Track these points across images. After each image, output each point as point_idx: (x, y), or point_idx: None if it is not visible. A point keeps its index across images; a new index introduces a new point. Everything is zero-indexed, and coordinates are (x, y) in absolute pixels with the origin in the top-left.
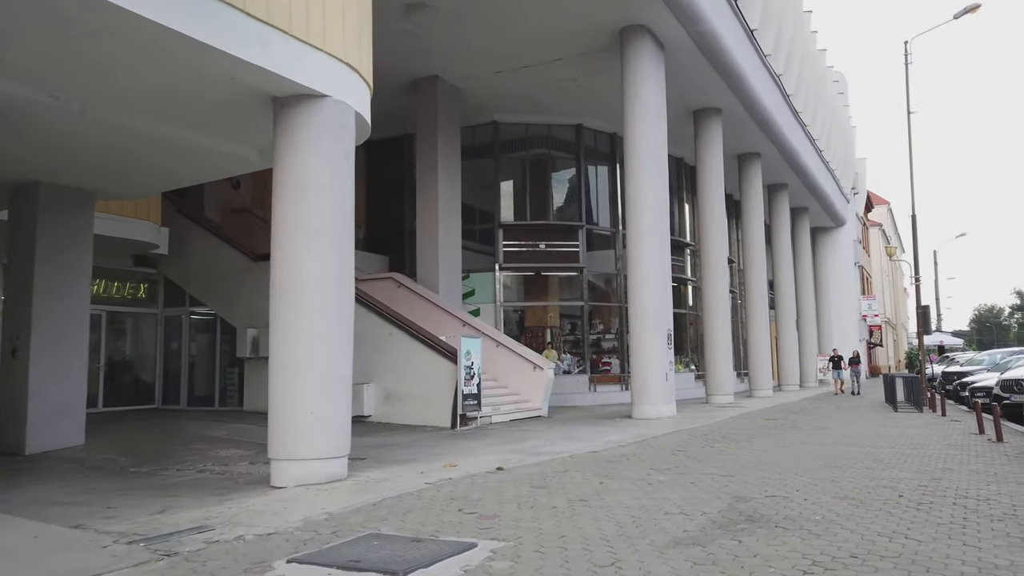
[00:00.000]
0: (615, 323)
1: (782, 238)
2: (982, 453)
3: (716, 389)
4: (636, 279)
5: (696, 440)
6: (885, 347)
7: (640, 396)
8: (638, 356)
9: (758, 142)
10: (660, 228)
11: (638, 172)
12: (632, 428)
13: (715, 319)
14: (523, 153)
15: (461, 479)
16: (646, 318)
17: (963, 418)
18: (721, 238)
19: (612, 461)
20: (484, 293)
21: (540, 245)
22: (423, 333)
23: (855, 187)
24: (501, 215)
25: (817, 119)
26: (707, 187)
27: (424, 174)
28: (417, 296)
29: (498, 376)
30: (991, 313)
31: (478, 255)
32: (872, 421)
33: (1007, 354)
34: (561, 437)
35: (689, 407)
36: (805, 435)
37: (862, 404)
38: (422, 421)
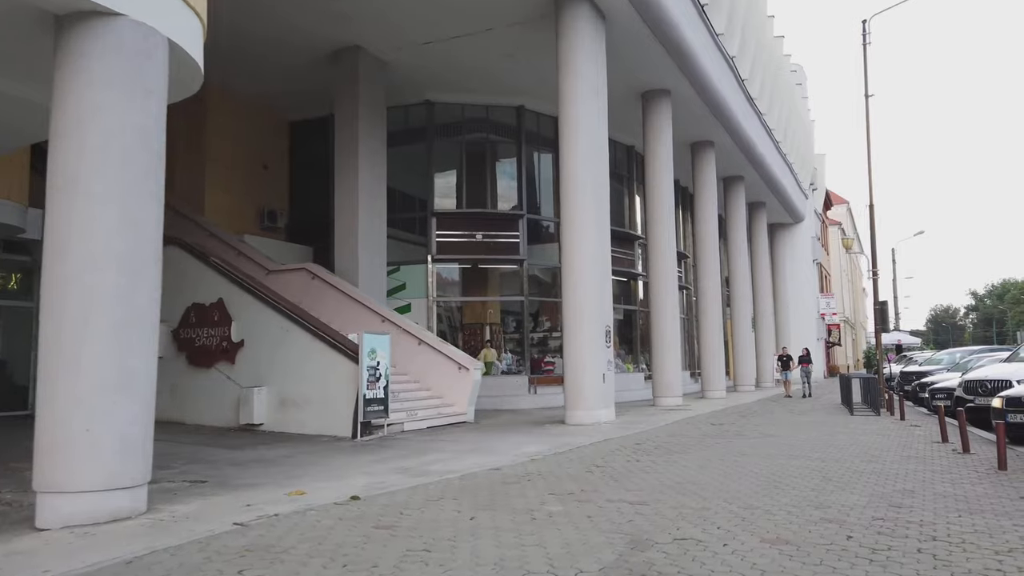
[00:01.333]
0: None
1: (738, 233)
2: (948, 468)
3: (664, 391)
4: (570, 270)
5: (624, 452)
6: (843, 346)
7: (574, 400)
8: (572, 355)
9: (711, 130)
10: (598, 214)
11: (573, 151)
12: (559, 437)
13: (663, 316)
14: (460, 137)
15: (289, 515)
16: (581, 313)
17: (923, 422)
18: (669, 229)
19: (509, 483)
20: (416, 287)
21: (477, 235)
22: (323, 329)
23: (814, 183)
24: (435, 203)
25: (774, 109)
26: (656, 175)
27: (343, 155)
28: (333, 289)
29: (420, 377)
30: (947, 313)
31: (410, 246)
32: (825, 427)
33: (967, 353)
34: (470, 449)
35: (633, 410)
36: (749, 444)
37: (816, 407)
38: (320, 430)
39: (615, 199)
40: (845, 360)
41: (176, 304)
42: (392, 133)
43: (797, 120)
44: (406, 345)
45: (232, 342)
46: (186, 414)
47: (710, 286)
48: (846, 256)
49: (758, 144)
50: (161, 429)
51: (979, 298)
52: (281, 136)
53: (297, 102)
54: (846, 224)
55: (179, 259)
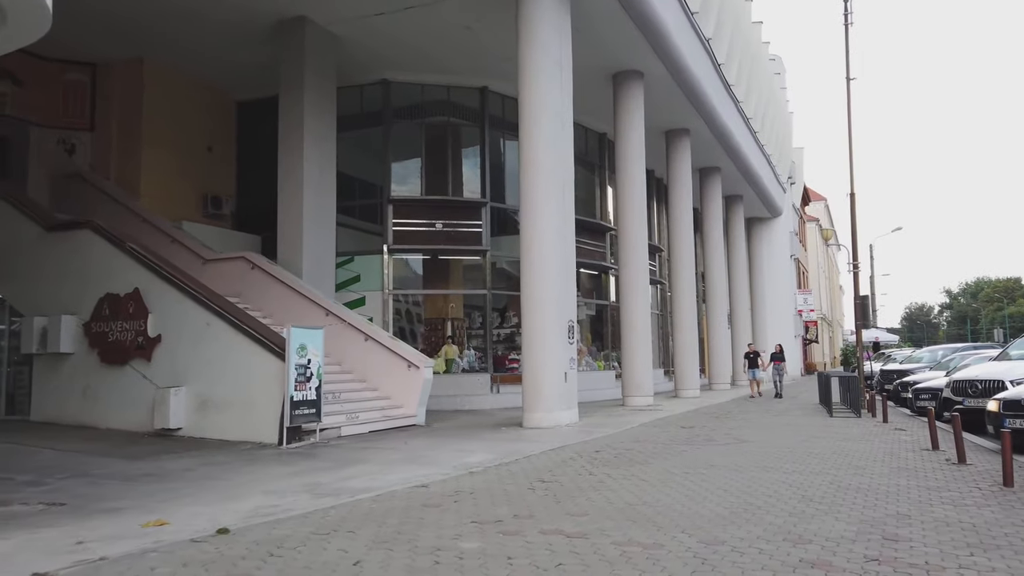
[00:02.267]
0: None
1: (714, 226)
2: (945, 483)
3: (634, 390)
4: (530, 258)
5: (579, 461)
6: (820, 344)
7: (532, 401)
8: (531, 352)
9: (686, 116)
10: (562, 199)
11: (534, 129)
12: (512, 443)
13: (633, 310)
14: (419, 120)
15: (118, 560)
16: (542, 306)
17: (908, 425)
18: (641, 219)
19: (430, 506)
20: (371, 279)
21: (437, 224)
22: (247, 323)
23: (792, 176)
24: (392, 189)
25: (751, 97)
26: (627, 161)
27: (288, 134)
28: (274, 280)
29: (366, 376)
30: (921, 312)
31: (364, 235)
32: (803, 430)
33: (949, 351)
34: (404, 459)
35: (601, 411)
36: (719, 452)
37: (793, 407)
38: (243, 436)
39: (585, 188)
40: (822, 358)
41: (88, 294)
42: (346, 114)
43: (775, 111)
44: (352, 341)
45: (148, 337)
46: (98, 418)
47: (685, 280)
48: (824, 252)
49: (735, 133)
50: (66, 435)
51: (953, 296)
52: (227, 117)
53: (244, 80)
54: (824, 221)
55: (91, 244)
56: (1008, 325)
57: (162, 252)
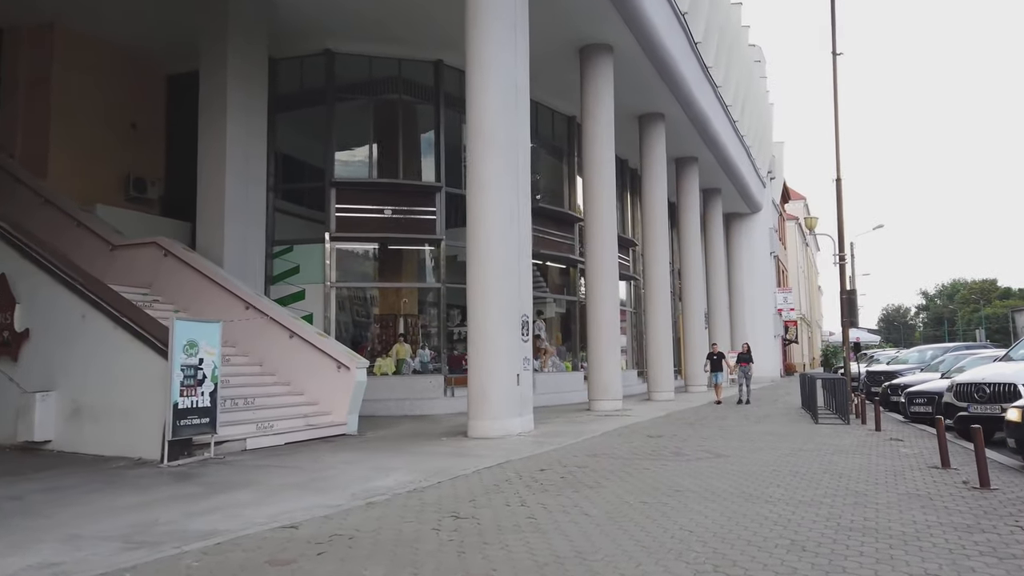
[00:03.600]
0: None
1: (691, 220)
2: (975, 521)
3: (601, 393)
4: (476, 243)
5: (514, 485)
6: (800, 344)
7: (478, 407)
8: (477, 351)
9: (661, 98)
10: (514, 177)
11: (482, 96)
12: (445, 458)
13: (601, 306)
14: (366, 96)
15: None
16: (489, 298)
17: (905, 434)
18: (609, 206)
19: (278, 563)
20: (311, 270)
21: (386, 211)
22: (129, 314)
23: (772, 171)
24: (335, 172)
25: (731, 83)
26: (595, 144)
27: (208, 109)
28: (189, 270)
29: (291, 379)
30: (898, 313)
31: (304, 223)
32: (787, 441)
33: (940, 351)
34: (301, 482)
35: (563, 417)
36: (689, 471)
37: (774, 412)
38: (122, 449)
39: (553, 176)
40: (801, 359)
41: None
42: (285, 90)
43: (755, 100)
44: (275, 339)
45: (15, 332)
46: None
47: (658, 275)
48: (803, 251)
49: (713, 120)
50: None
51: (930, 298)
52: (156, 91)
53: (175, 50)
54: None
55: None
56: (985, 326)
57: (64, 237)
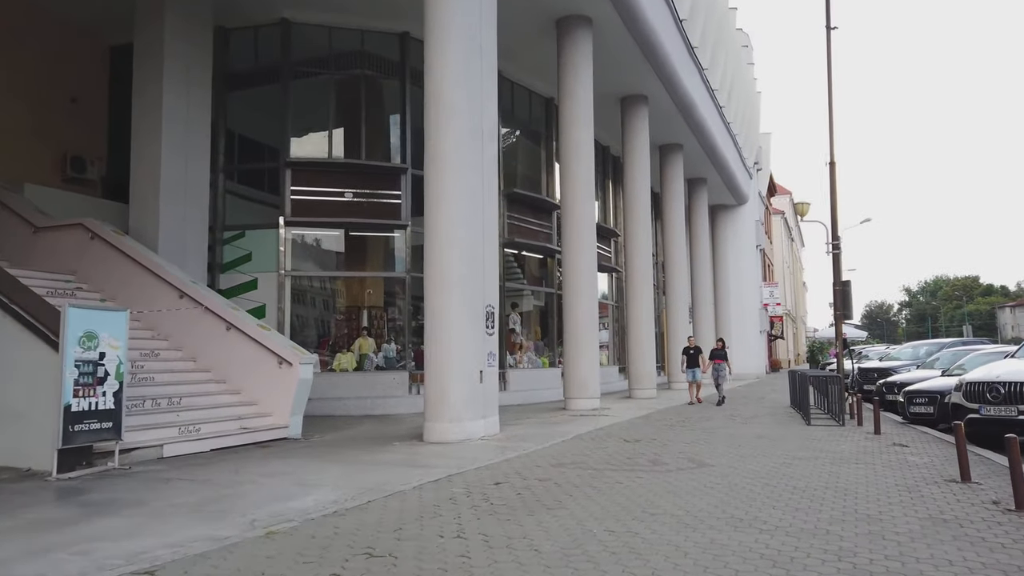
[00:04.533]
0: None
1: (675, 211)
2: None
3: (577, 391)
4: (434, 224)
5: (459, 506)
6: (786, 340)
7: (436, 407)
8: (436, 346)
9: (643, 78)
10: (477, 150)
11: (438, 60)
12: (389, 469)
13: (576, 298)
14: (326, 70)
15: None
16: (448, 287)
17: (909, 438)
18: (586, 191)
19: None
20: (264, 258)
21: (347, 194)
22: (20, 300)
23: (758, 162)
24: (291, 151)
25: (717, 67)
26: (572, 125)
27: (144, 80)
28: (119, 254)
29: (227, 376)
30: (881, 309)
31: (258, 206)
32: (779, 446)
33: (935, 347)
34: (198, 503)
35: (535, 417)
36: (667, 485)
37: (762, 412)
38: (11, 459)
39: (530, 161)
40: (787, 355)
41: None
42: (239, 63)
43: (743, 87)
44: (211, 331)
45: None
46: None
47: (640, 266)
48: (789, 247)
49: (699, 104)
50: None
51: (912, 295)
52: (98, 63)
53: (116, 18)
54: (789, 215)
55: None
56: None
57: None
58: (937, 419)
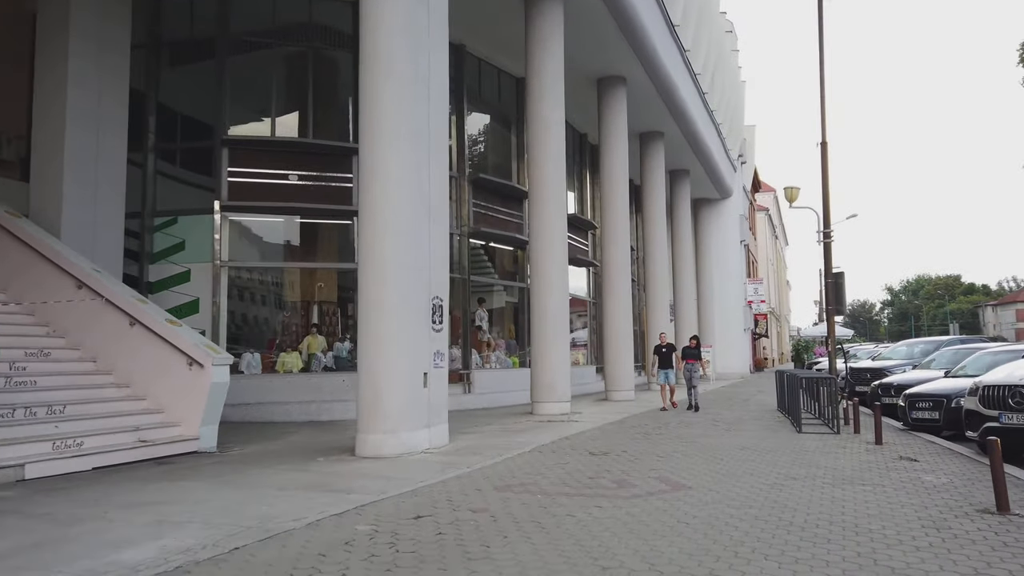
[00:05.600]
0: None
1: (656, 203)
2: None
3: (544, 394)
4: (370, 205)
5: (352, 556)
6: (770, 339)
7: (369, 417)
8: (370, 344)
9: (621, 58)
10: (417, 119)
11: (376, 8)
12: (296, 494)
13: (544, 291)
14: (270, 40)
15: None
16: (387, 276)
17: (916, 451)
18: (557, 175)
19: None
20: (199, 247)
21: (291, 176)
22: None
23: (742, 155)
24: (228, 128)
25: (700, 49)
26: (541, 101)
27: (47, 43)
28: (13, 239)
29: (133, 379)
30: (863, 308)
31: (191, 189)
32: (768, 461)
33: (931, 345)
34: (15, 549)
35: (496, 424)
36: (630, 521)
37: (747, 417)
38: None
39: (501, 146)
40: (771, 354)
41: None
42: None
43: (727, 74)
44: (114, 327)
45: None
46: None
47: (617, 258)
48: (772, 244)
49: (680, 87)
50: None
51: (895, 293)
52: (21, 31)
53: None
54: (773, 213)
55: None
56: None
57: None
58: (943, 426)
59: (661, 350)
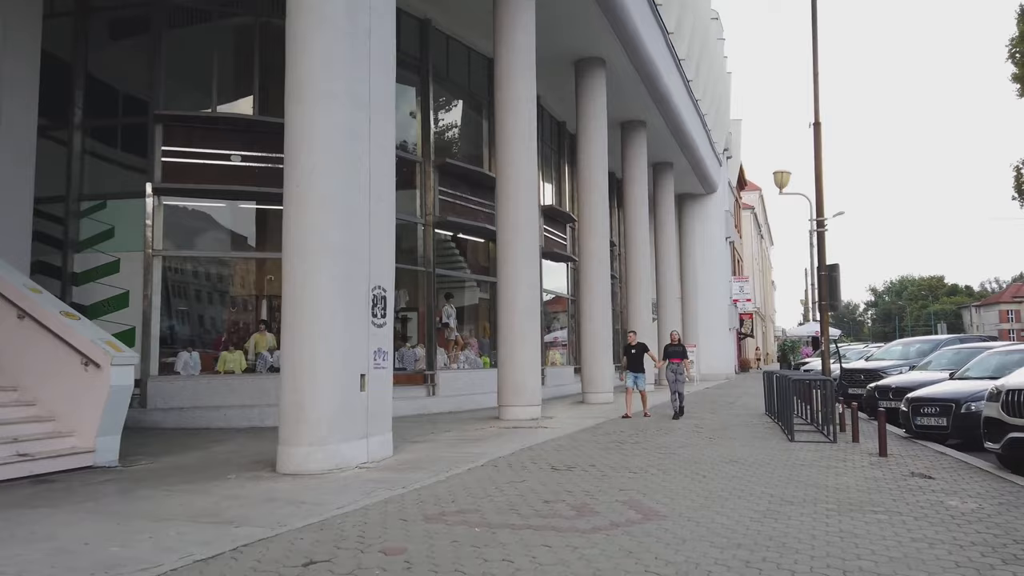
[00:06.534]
0: None
1: (638, 196)
2: None
3: (512, 396)
4: (294, 175)
5: None
6: (756, 339)
7: (292, 427)
8: (292, 341)
9: (599, 37)
10: (354, 76)
11: None
12: (174, 527)
13: (511, 284)
14: (213, 10)
15: None
16: (313, 259)
17: (928, 464)
18: (526, 156)
19: None
20: (129, 234)
21: (234, 157)
22: None
23: (728, 149)
24: (163, 103)
25: (684, 34)
26: (511, 76)
27: None
28: None
29: (21, 381)
30: (847, 309)
31: (121, 170)
32: (758, 478)
33: (929, 344)
34: None
35: (458, 428)
36: (582, 568)
37: (733, 422)
38: None
39: (471, 130)
40: (755, 354)
41: None
42: None
43: (712, 62)
44: (1, 321)
45: None
46: None
47: (595, 252)
48: (758, 244)
49: (663, 73)
50: None
51: (878, 294)
52: None
53: None
54: (759, 211)
55: None
56: (934, 322)
57: None
58: (951, 433)
59: (631, 351)
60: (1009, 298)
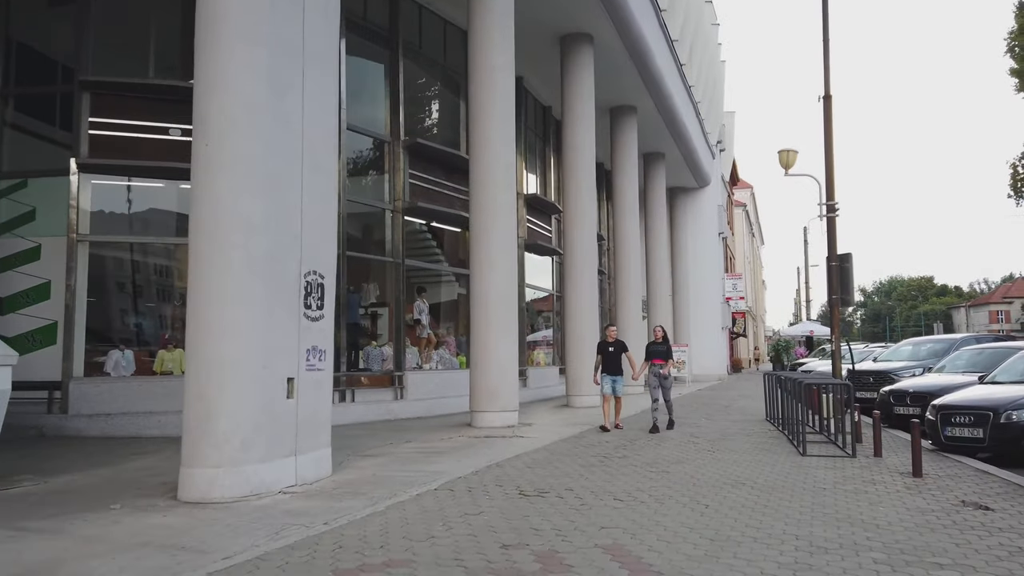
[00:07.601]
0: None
1: (627, 188)
2: None
3: (485, 402)
4: (204, 134)
5: None
6: (748, 338)
7: (197, 443)
8: (198, 337)
9: (588, 10)
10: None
11: None
12: None
13: (485, 277)
14: None
15: None
16: (224, 236)
17: (975, 488)
18: (504, 132)
19: None
20: (52, 217)
21: (173, 130)
22: None
23: (721, 141)
24: (91, 68)
25: (677, 12)
26: (486, 44)
27: None
28: None
29: None
30: None
31: (45, 144)
32: (771, 512)
33: (941, 344)
34: None
35: (424, 437)
36: None
37: (732, 430)
38: None
39: (445, 109)
40: (747, 354)
41: None
42: None
43: (706, 48)
44: None
45: None
46: None
47: (582, 244)
48: (750, 242)
49: (655, 54)
50: None
51: (868, 295)
52: None
53: None
54: (751, 209)
55: None
56: (923, 322)
57: None
58: (989, 447)
59: (607, 349)
60: (999, 299)
